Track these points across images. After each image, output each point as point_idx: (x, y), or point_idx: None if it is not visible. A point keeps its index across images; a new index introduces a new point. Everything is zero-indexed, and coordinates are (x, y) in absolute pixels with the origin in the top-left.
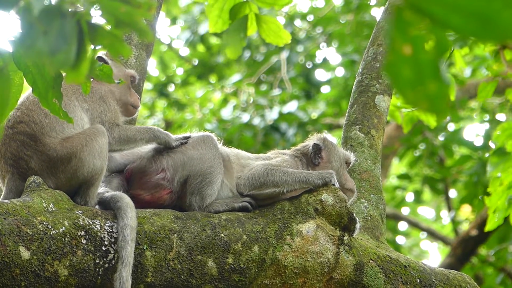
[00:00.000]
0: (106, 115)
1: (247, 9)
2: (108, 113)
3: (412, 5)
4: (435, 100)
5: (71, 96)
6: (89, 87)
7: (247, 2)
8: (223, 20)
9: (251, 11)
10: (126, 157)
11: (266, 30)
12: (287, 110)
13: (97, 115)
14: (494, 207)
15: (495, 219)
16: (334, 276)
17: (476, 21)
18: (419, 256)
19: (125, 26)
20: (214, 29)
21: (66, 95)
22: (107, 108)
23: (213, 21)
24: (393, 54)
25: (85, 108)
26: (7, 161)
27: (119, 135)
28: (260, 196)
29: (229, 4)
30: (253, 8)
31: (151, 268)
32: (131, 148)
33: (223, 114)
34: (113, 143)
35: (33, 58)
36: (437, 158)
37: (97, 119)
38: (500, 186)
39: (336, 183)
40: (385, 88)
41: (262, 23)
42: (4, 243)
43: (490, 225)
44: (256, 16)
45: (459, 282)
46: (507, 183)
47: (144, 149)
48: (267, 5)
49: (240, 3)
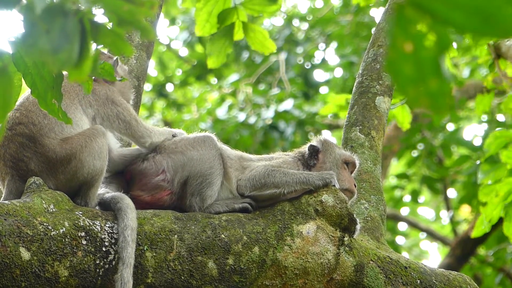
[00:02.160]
0: (125, 116)
1: (235, 17)
2: (125, 112)
3: (413, 3)
4: (436, 97)
5: (74, 99)
6: (91, 87)
7: (235, 8)
8: (211, 24)
9: (239, 19)
10: (124, 158)
11: (253, 38)
12: (283, 108)
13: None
14: (489, 217)
15: (481, 226)
16: (335, 277)
17: (476, 18)
18: (419, 256)
19: (127, 25)
20: (202, 33)
21: (69, 97)
22: (121, 108)
23: (201, 25)
24: (394, 52)
25: (89, 111)
26: (6, 163)
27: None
28: (261, 197)
29: (218, 9)
30: (241, 15)
31: (152, 269)
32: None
33: (218, 113)
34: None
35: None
36: (435, 158)
37: (114, 121)
38: (496, 197)
39: (337, 184)
40: (386, 89)
41: (249, 31)
42: (5, 244)
43: (477, 232)
44: (244, 24)
45: (460, 283)
46: (503, 194)
47: (143, 150)
48: (256, 12)
49: (228, 9)
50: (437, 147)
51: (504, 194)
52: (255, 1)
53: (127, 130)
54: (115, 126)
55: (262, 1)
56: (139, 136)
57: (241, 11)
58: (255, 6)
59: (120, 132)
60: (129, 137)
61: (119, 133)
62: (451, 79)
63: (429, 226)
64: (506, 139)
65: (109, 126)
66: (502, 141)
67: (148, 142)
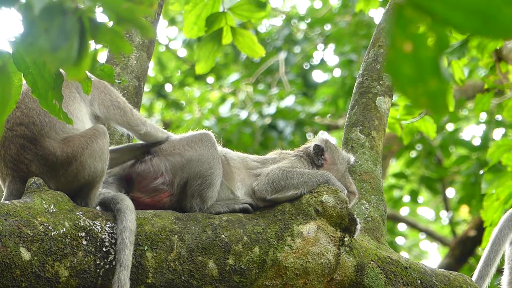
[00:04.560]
0: (120, 103)
1: (223, 22)
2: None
3: (413, 3)
4: (435, 97)
5: (72, 88)
6: (90, 87)
7: (224, 13)
8: (199, 27)
9: (227, 24)
10: (122, 158)
11: (242, 42)
12: (285, 105)
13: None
14: (490, 220)
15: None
16: (335, 277)
17: (476, 18)
18: (419, 257)
19: (127, 23)
20: (190, 35)
21: (66, 86)
22: (116, 97)
23: (189, 27)
24: (393, 52)
25: (86, 96)
26: (7, 164)
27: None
28: (281, 199)
29: (206, 12)
30: (229, 20)
31: (152, 269)
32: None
33: (221, 111)
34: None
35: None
36: (434, 159)
37: (109, 108)
38: (497, 200)
39: (353, 185)
40: (386, 89)
41: (237, 36)
42: (5, 244)
43: (485, 244)
44: (232, 29)
45: (460, 284)
46: (503, 198)
47: (142, 150)
48: (244, 17)
49: (217, 13)
50: (436, 147)
51: (504, 198)
52: (244, 6)
53: (122, 118)
54: (110, 113)
55: (251, 7)
56: (135, 124)
57: (229, 16)
58: (243, 12)
59: (115, 120)
60: (124, 125)
61: (114, 121)
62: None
63: (429, 226)
64: (508, 147)
65: (105, 113)
66: (505, 149)
67: (143, 130)
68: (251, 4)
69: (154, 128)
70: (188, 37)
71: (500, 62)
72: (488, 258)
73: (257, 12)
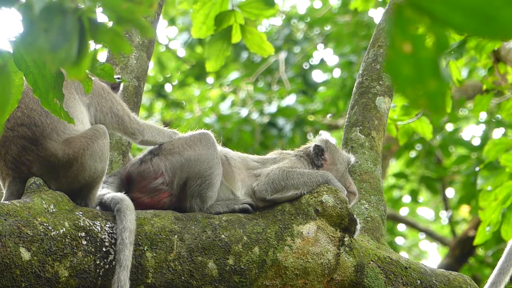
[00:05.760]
0: (118, 110)
1: (232, 19)
2: (118, 106)
3: (413, 3)
4: (434, 98)
5: (71, 87)
6: (91, 86)
7: (233, 11)
8: (208, 26)
9: (236, 22)
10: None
11: (251, 40)
12: (286, 103)
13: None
14: (488, 220)
15: (484, 232)
16: (335, 277)
17: (476, 19)
18: (419, 257)
19: (126, 23)
20: (198, 35)
21: (66, 87)
22: (115, 102)
23: (197, 27)
24: (393, 52)
25: (85, 99)
26: (7, 164)
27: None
28: (282, 199)
29: (215, 11)
30: (238, 18)
31: (152, 269)
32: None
33: (222, 108)
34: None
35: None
36: (434, 158)
37: (107, 114)
38: (495, 200)
39: (354, 185)
40: (386, 89)
41: (247, 34)
42: (5, 244)
43: (479, 239)
44: (241, 26)
45: (460, 284)
46: (502, 197)
47: (137, 145)
48: (253, 15)
49: (225, 11)
50: (435, 147)
51: (503, 198)
52: (253, 4)
53: (118, 125)
54: (107, 120)
55: (260, 5)
56: (131, 133)
57: (238, 14)
58: (253, 10)
59: (112, 127)
60: (120, 132)
61: (110, 128)
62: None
63: (429, 226)
64: (505, 146)
65: (102, 119)
66: (501, 148)
67: (139, 139)
68: (259, 2)
69: (153, 135)
70: (197, 37)
71: (498, 63)
72: (503, 267)
73: (266, 9)
